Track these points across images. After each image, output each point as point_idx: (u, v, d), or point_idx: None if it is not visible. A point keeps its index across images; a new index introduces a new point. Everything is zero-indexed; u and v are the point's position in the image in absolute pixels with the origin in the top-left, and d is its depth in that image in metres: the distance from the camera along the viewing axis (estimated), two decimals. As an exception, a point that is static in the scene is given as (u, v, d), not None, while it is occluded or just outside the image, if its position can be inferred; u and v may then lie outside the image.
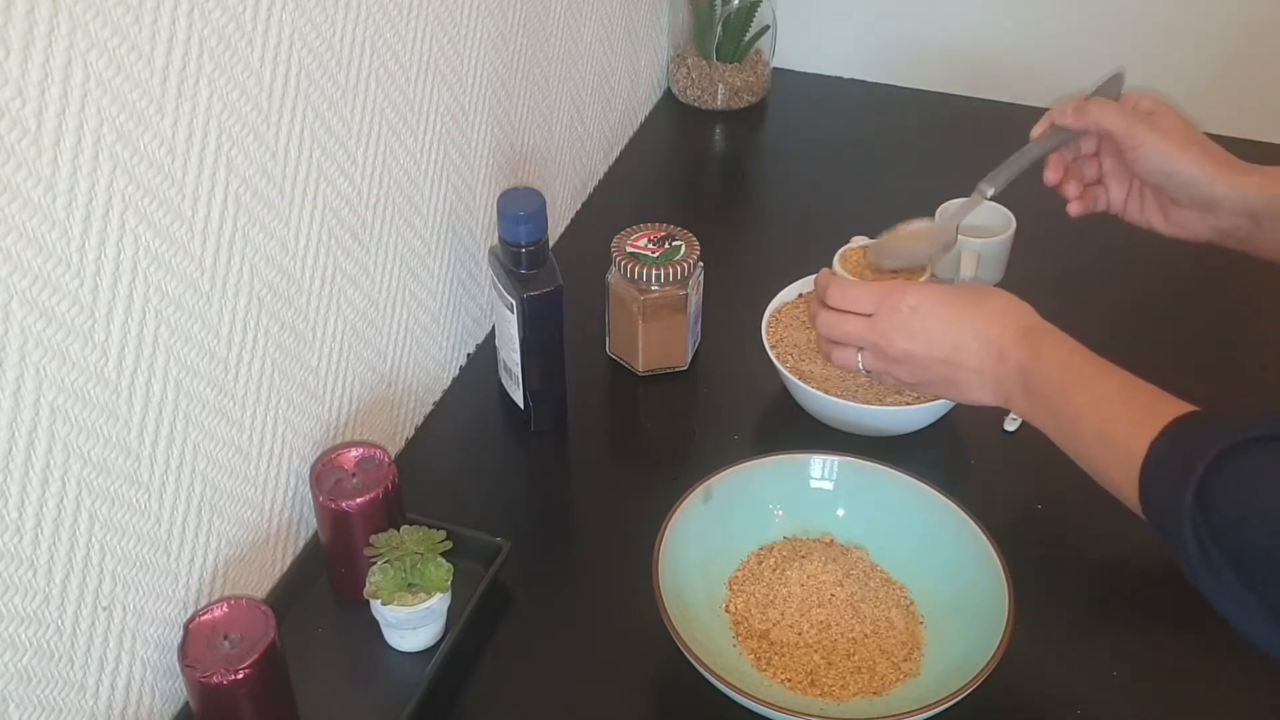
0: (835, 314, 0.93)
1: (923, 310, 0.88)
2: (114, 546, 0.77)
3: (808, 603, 0.92)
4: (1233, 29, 1.43)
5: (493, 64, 1.11)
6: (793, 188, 1.45)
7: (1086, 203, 1.03)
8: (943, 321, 0.88)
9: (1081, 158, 1.03)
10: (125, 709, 0.81)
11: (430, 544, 0.88)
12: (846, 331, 0.92)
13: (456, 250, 1.12)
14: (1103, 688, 0.89)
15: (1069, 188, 1.03)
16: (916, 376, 0.90)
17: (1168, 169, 0.94)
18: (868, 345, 0.91)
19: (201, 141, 0.77)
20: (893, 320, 0.89)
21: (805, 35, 1.59)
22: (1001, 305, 0.88)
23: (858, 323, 0.91)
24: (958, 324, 0.87)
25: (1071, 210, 1.04)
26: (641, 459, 1.11)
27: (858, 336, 0.91)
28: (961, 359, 0.87)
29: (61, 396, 0.71)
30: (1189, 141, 0.94)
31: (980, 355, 0.86)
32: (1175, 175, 0.94)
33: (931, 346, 0.88)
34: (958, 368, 0.88)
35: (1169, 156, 0.94)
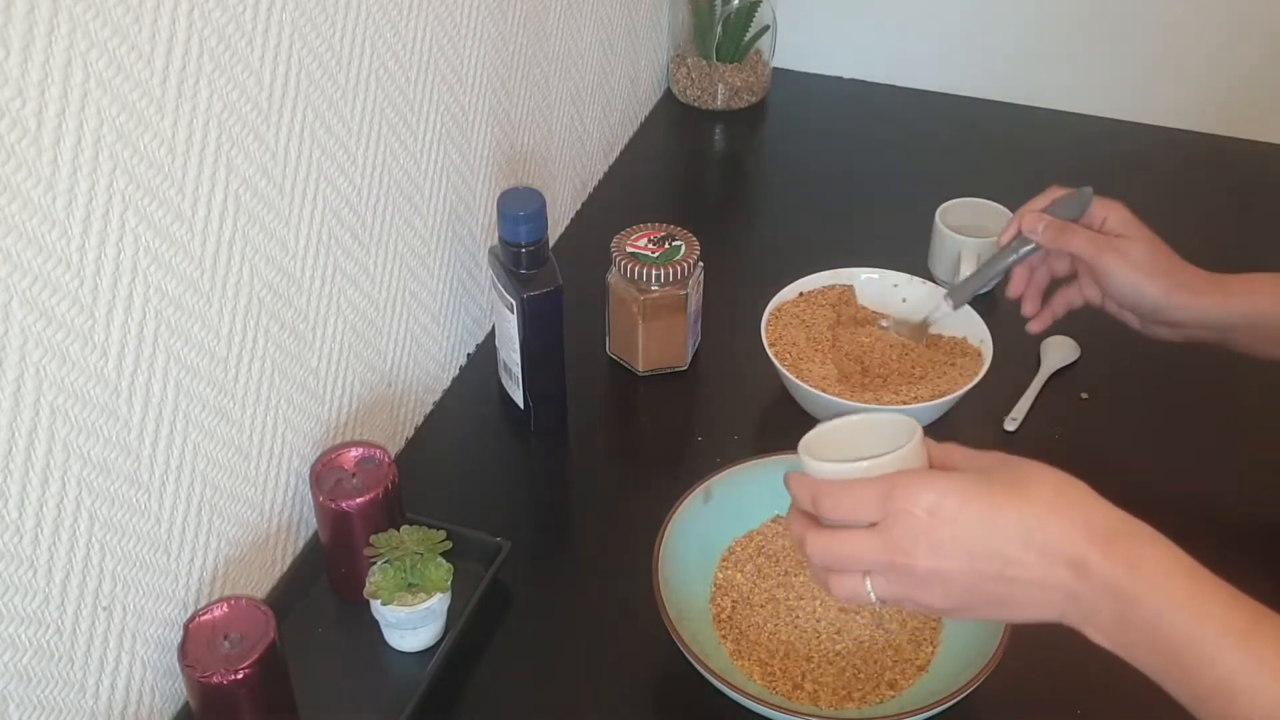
0: (826, 534, 0.70)
1: (945, 511, 0.67)
2: (114, 546, 0.77)
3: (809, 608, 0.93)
4: (1236, 30, 1.43)
5: (493, 64, 1.11)
6: (793, 187, 1.45)
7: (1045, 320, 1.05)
8: (977, 524, 0.67)
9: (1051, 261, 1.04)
10: (125, 709, 0.81)
11: (430, 544, 0.88)
12: (848, 555, 0.70)
13: (456, 250, 1.12)
14: (1103, 688, 0.89)
15: (1027, 304, 1.04)
16: (953, 601, 0.69)
17: (1134, 297, 0.97)
18: (878, 569, 0.69)
19: (201, 141, 0.77)
20: (908, 531, 0.67)
21: (805, 35, 1.59)
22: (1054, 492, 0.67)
23: (861, 541, 0.69)
24: (998, 525, 0.67)
25: (1032, 329, 1.05)
26: (641, 459, 1.11)
27: (865, 560, 0.69)
28: (1015, 573, 0.67)
29: (61, 396, 0.71)
30: (1154, 271, 0.96)
31: (1042, 568, 0.66)
32: (1140, 303, 0.98)
33: (970, 560, 0.67)
34: (1011, 583, 0.67)
35: (1135, 286, 0.97)
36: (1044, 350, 1.16)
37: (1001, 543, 0.66)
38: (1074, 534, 0.66)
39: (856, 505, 0.69)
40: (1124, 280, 0.97)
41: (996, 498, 0.67)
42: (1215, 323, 0.97)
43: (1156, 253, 0.97)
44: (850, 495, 0.69)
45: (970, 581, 0.68)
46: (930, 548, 0.67)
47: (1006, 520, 0.67)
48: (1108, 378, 1.15)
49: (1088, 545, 0.65)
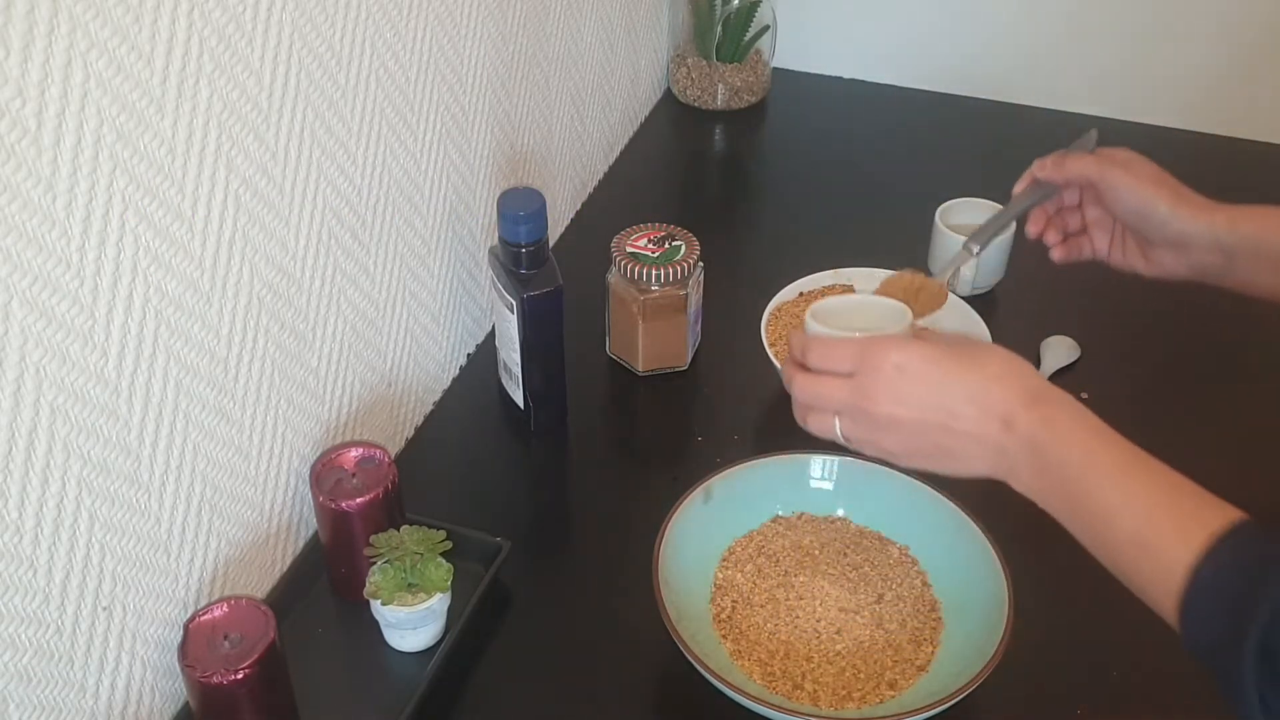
0: (811, 376, 0.82)
1: (910, 369, 0.78)
2: (114, 546, 0.77)
3: (809, 608, 0.93)
4: (1234, 29, 1.43)
5: (493, 64, 1.11)
6: (793, 188, 1.45)
7: (1070, 250, 1.04)
8: (933, 382, 0.78)
9: (1064, 210, 1.03)
10: (125, 709, 0.81)
11: (430, 544, 0.88)
12: (824, 395, 0.81)
13: (456, 250, 1.12)
14: (1103, 688, 0.89)
15: (1050, 235, 1.03)
16: (904, 445, 0.80)
17: (1142, 208, 0.96)
18: (847, 410, 0.80)
19: (201, 141, 0.77)
20: (875, 381, 0.78)
21: (805, 35, 1.59)
22: (1000, 365, 0.78)
23: (836, 385, 0.80)
24: (950, 385, 0.77)
25: (1055, 256, 1.04)
26: (641, 459, 1.11)
27: (837, 400, 0.80)
28: (957, 425, 0.77)
29: (61, 396, 0.71)
30: (1161, 183, 0.96)
31: (980, 421, 0.76)
32: (1149, 215, 0.96)
33: (923, 410, 0.78)
34: (952, 434, 0.77)
35: (1142, 196, 0.96)
36: (1044, 350, 1.16)
37: (950, 399, 0.77)
38: (1009, 397, 0.76)
39: (837, 357, 0.80)
40: (1132, 194, 0.96)
41: (952, 364, 0.78)
42: (1222, 242, 0.94)
43: (1160, 171, 0.97)
44: (835, 348, 0.81)
45: (920, 430, 0.78)
46: (891, 398, 0.78)
47: (957, 382, 0.77)
48: (1108, 378, 1.15)
49: (1018, 406, 0.76)
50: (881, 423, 0.79)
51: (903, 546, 0.97)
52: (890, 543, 0.97)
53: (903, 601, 0.93)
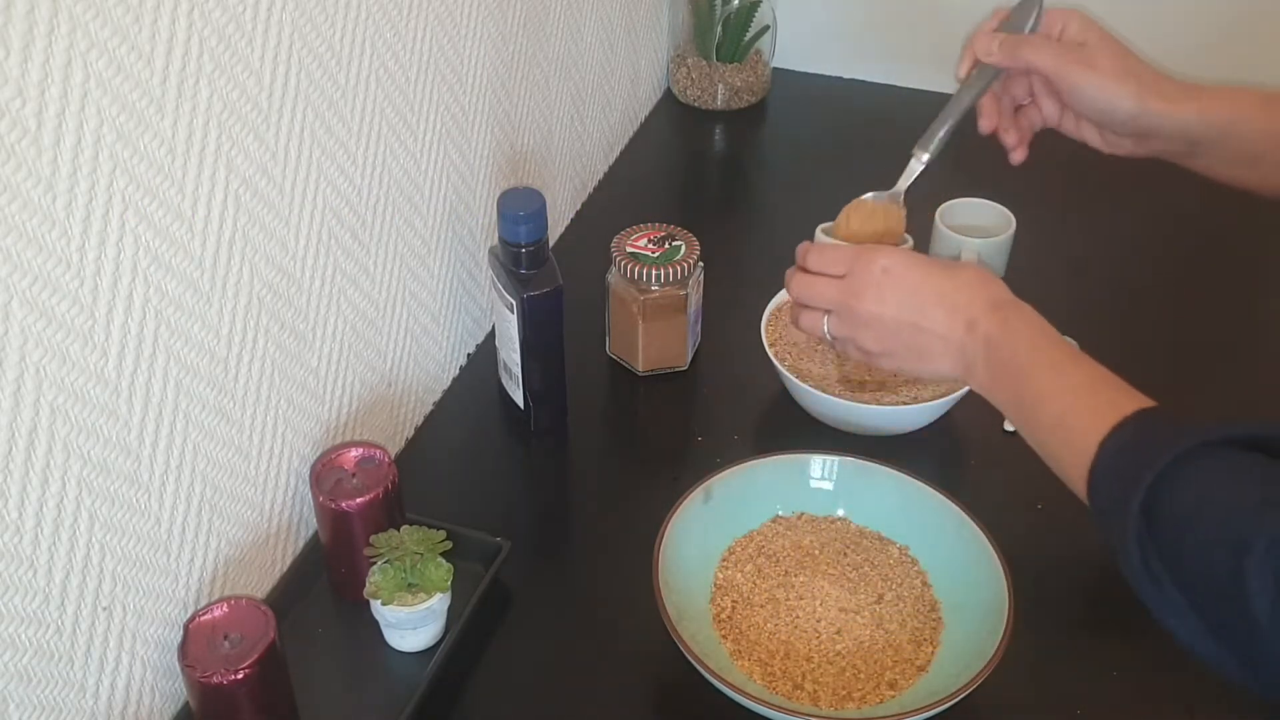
0: (808, 276, 0.91)
1: (893, 272, 0.86)
2: (114, 546, 0.77)
3: (809, 608, 0.93)
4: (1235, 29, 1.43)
5: (493, 64, 1.11)
6: (793, 188, 1.45)
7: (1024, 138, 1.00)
8: (912, 285, 0.86)
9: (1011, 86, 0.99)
10: (125, 709, 0.81)
11: (430, 544, 0.88)
12: (817, 293, 0.90)
13: (456, 250, 1.12)
14: (1103, 688, 0.89)
15: (1007, 135, 1.00)
16: (881, 344, 0.88)
17: (1105, 108, 0.93)
18: (836, 307, 0.89)
19: (201, 141, 0.78)
20: (863, 281, 0.87)
21: (805, 35, 1.59)
22: (973, 274, 0.86)
23: (829, 284, 0.89)
24: (927, 289, 0.85)
25: (1014, 159, 1.01)
26: (641, 459, 1.11)
27: (828, 298, 0.89)
28: (928, 324, 0.85)
29: (61, 396, 0.71)
30: (1125, 74, 0.92)
31: (947, 322, 0.84)
32: (1113, 113, 0.93)
33: (900, 309, 0.85)
34: (923, 333, 0.85)
35: (1106, 95, 0.92)
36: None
37: (924, 300, 0.85)
38: (975, 301, 0.84)
39: (832, 260, 0.90)
40: (1094, 92, 0.92)
41: (932, 270, 0.86)
42: (1189, 133, 0.92)
43: (1125, 58, 0.93)
44: (831, 252, 0.91)
45: (895, 328, 0.86)
46: (874, 297, 0.86)
47: (932, 286, 0.85)
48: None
49: (981, 309, 0.83)
50: (863, 319, 0.87)
51: (903, 546, 0.97)
52: (890, 543, 0.97)
53: (903, 601, 0.93)
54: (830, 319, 0.89)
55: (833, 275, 0.89)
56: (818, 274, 0.90)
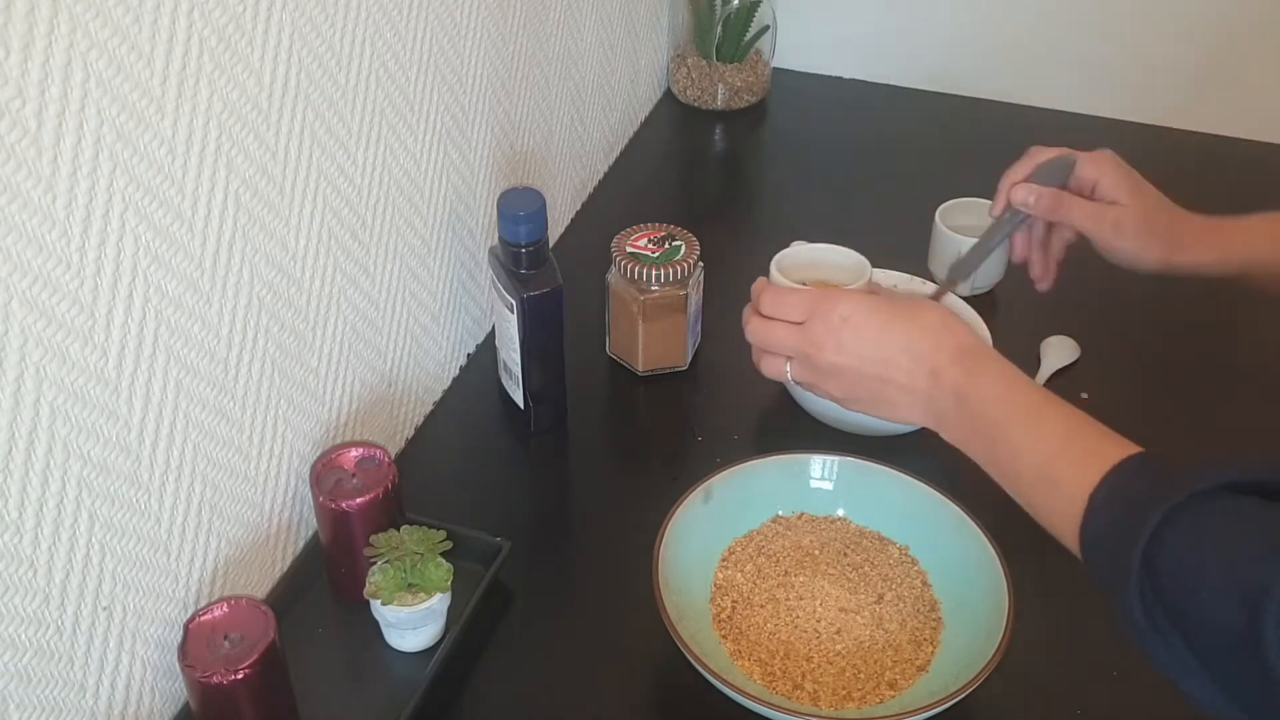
0: (765, 321, 0.88)
1: (854, 321, 0.84)
2: (114, 546, 0.77)
3: (809, 608, 0.93)
4: (1235, 30, 1.43)
5: (493, 64, 1.11)
6: (793, 188, 1.45)
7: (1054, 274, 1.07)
8: (873, 334, 0.83)
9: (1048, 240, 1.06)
10: (125, 709, 0.81)
11: (430, 544, 0.88)
12: (775, 339, 0.88)
13: (456, 250, 1.12)
14: (1103, 688, 0.89)
15: (1035, 267, 1.06)
16: (845, 391, 0.86)
17: (1133, 263, 1.00)
18: (797, 355, 0.87)
19: (201, 141, 0.78)
20: (823, 330, 0.85)
21: (805, 35, 1.59)
22: (936, 319, 0.83)
23: (787, 331, 0.87)
24: (888, 337, 0.83)
25: (1042, 288, 1.07)
26: (641, 459, 1.11)
27: (787, 345, 0.87)
28: (890, 375, 0.83)
29: (61, 396, 0.71)
30: (1152, 238, 0.98)
31: (910, 372, 0.82)
32: (1142, 269, 1.00)
33: (861, 361, 0.84)
34: (887, 384, 0.83)
35: (1135, 257, 0.99)
36: (1044, 350, 1.16)
37: (887, 351, 0.83)
38: (940, 351, 0.81)
39: (789, 306, 0.87)
40: (1122, 253, 0.99)
41: (893, 316, 0.84)
42: (1215, 273, 0.98)
43: (1152, 218, 0.98)
44: (786, 297, 0.88)
45: (859, 379, 0.84)
46: (834, 347, 0.84)
47: (895, 333, 0.83)
48: (1108, 378, 1.15)
49: (945, 358, 0.81)
50: (825, 369, 0.85)
51: (903, 546, 0.97)
52: (890, 543, 0.97)
53: (903, 601, 0.93)
54: (793, 365, 0.88)
55: (790, 321, 0.87)
56: (774, 319, 0.88)
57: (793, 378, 0.88)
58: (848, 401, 0.87)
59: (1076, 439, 0.75)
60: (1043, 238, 1.06)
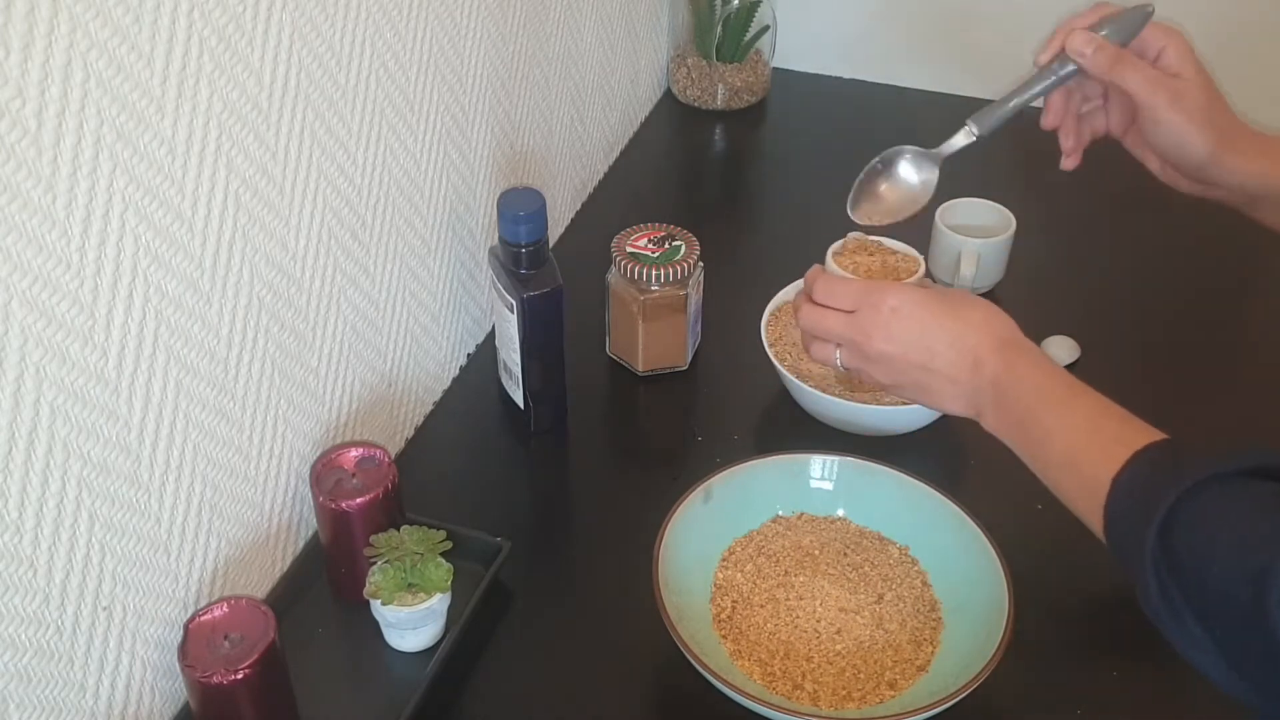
0: (817, 309, 0.91)
1: (902, 312, 0.87)
2: (114, 546, 0.77)
3: (809, 608, 0.93)
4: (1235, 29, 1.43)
5: (493, 64, 1.11)
6: (793, 188, 1.45)
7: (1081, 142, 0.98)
8: (920, 325, 0.86)
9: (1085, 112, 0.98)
10: (125, 709, 0.81)
11: (430, 544, 0.88)
12: (826, 327, 0.91)
13: (456, 250, 1.12)
14: (1103, 688, 0.89)
15: (1066, 138, 0.98)
16: (892, 378, 0.89)
17: (1179, 147, 0.91)
18: (846, 342, 0.90)
19: (201, 141, 0.77)
20: (872, 319, 0.88)
21: (805, 35, 1.59)
22: (981, 315, 0.86)
23: (838, 319, 0.90)
24: (935, 329, 0.86)
25: (1065, 165, 0.98)
26: (641, 459, 1.11)
27: (837, 333, 0.90)
28: (936, 365, 0.86)
29: (61, 396, 0.71)
30: (1208, 121, 0.90)
31: (955, 363, 0.85)
32: (1185, 155, 0.92)
33: (907, 350, 0.86)
34: (931, 374, 0.86)
35: (1184, 138, 0.91)
36: (1044, 350, 1.15)
37: (932, 341, 0.86)
38: (982, 343, 0.84)
39: (841, 294, 0.90)
40: (1175, 130, 0.90)
41: (941, 310, 0.86)
42: (1251, 188, 0.92)
43: (1212, 103, 0.91)
44: (840, 285, 0.91)
45: (905, 367, 0.87)
46: (883, 335, 0.87)
47: (940, 327, 0.85)
48: (1108, 378, 1.14)
49: (987, 350, 0.84)
50: (873, 356, 0.88)
51: (903, 546, 0.97)
52: (890, 543, 0.97)
53: (903, 601, 0.93)
54: (842, 351, 0.91)
55: (841, 310, 0.90)
56: (827, 307, 0.91)
57: (841, 364, 0.91)
58: (894, 388, 0.90)
59: (1103, 426, 0.77)
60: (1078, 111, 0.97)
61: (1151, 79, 0.90)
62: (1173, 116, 0.90)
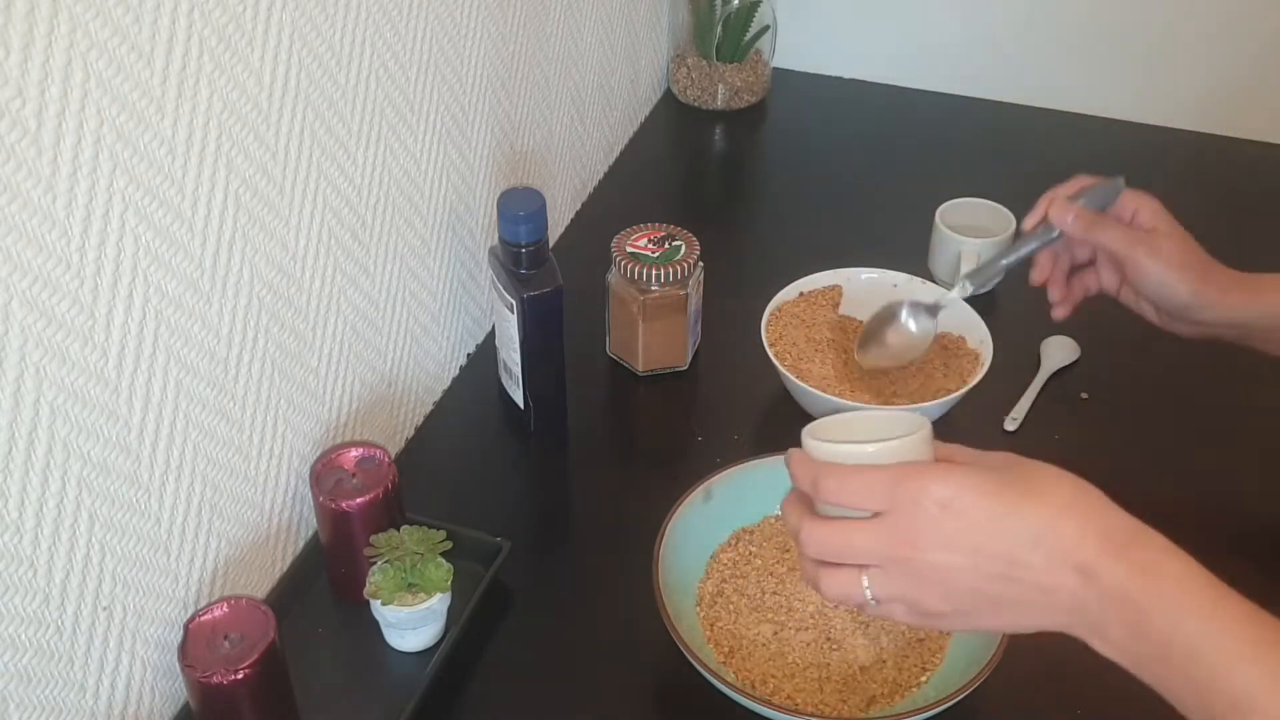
0: (827, 524, 0.67)
1: (957, 506, 0.64)
2: (114, 546, 0.77)
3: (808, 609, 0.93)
4: (1237, 30, 1.43)
5: (493, 64, 1.11)
6: (793, 188, 1.45)
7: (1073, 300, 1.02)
8: (988, 521, 0.64)
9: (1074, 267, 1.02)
10: (125, 709, 0.81)
11: (430, 544, 0.88)
12: (853, 545, 0.66)
13: (456, 250, 1.12)
14: (1103, 688, 0.89)
15: (1054, 290, 1.02)
16: (954, 603, 0.66)
17: (1162, 294, 0.96)
18: (881, 561, 0.66)
19: (201, 141, 0.78)
20: (918, 521, 0.64)
21: (805, 35, 1.59)
22: (1069, 493, 0.65)
23: (861, 530, 0.66)
24: (1010, 524, 0.64)
25: (1056, 315, 1.02)
26: (641, 459, 1.11)
27: (865, 551, 0.66)
28: (1020, 574, 0.64)
29: (61, 396, 0.71)
30: (1185, 267, 0.95)
31: (1048, 570, 0.63)
32: (1169, 300, 0.96)
33: (976, 558, 0.64)
34: (1015, 584, 0.64)
35: (1165, 284, 0.95)
36: (1044, 350, 1.16)
37: (1010, 543, 0.64)
38: (1085, 539, 0.63)
39: (863, 491, 0.65)
40: (1154, 277, 0.95)
41: (1009, 496, 0.64)
42: (1239, 321, 0.96)
43: (1187, 250, 0.96)
44: (857, 479, 0.66)
45: (973, 581, 0.64)
46: (937, 542, 0.64)
47: (1018, 520, 0.64)
48: (1108, 378, 1.15)
49: (1099, 551, 0.63)
50: (925, 575, 0.65)
51: (903, 546, 0.96)
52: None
53: (903, 601, 0.93)
54: (872, 575, 0.66)
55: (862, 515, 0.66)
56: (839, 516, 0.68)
57: (874, 596, 0.67)
58: (955, 615, 0.67)
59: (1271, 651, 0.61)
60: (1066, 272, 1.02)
61: (1127, 235, 0.96)
62: (1152, 265, 0.95)
